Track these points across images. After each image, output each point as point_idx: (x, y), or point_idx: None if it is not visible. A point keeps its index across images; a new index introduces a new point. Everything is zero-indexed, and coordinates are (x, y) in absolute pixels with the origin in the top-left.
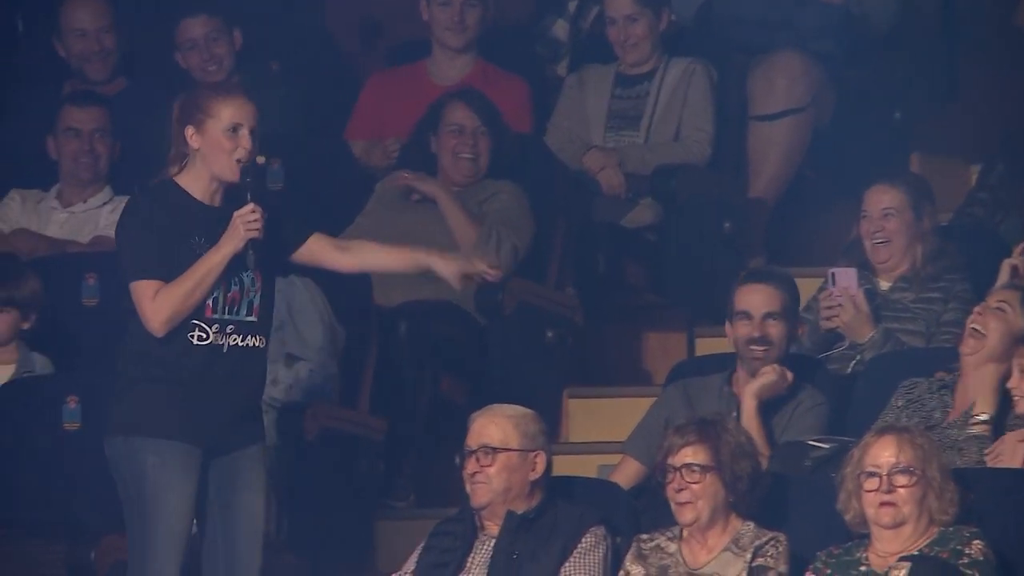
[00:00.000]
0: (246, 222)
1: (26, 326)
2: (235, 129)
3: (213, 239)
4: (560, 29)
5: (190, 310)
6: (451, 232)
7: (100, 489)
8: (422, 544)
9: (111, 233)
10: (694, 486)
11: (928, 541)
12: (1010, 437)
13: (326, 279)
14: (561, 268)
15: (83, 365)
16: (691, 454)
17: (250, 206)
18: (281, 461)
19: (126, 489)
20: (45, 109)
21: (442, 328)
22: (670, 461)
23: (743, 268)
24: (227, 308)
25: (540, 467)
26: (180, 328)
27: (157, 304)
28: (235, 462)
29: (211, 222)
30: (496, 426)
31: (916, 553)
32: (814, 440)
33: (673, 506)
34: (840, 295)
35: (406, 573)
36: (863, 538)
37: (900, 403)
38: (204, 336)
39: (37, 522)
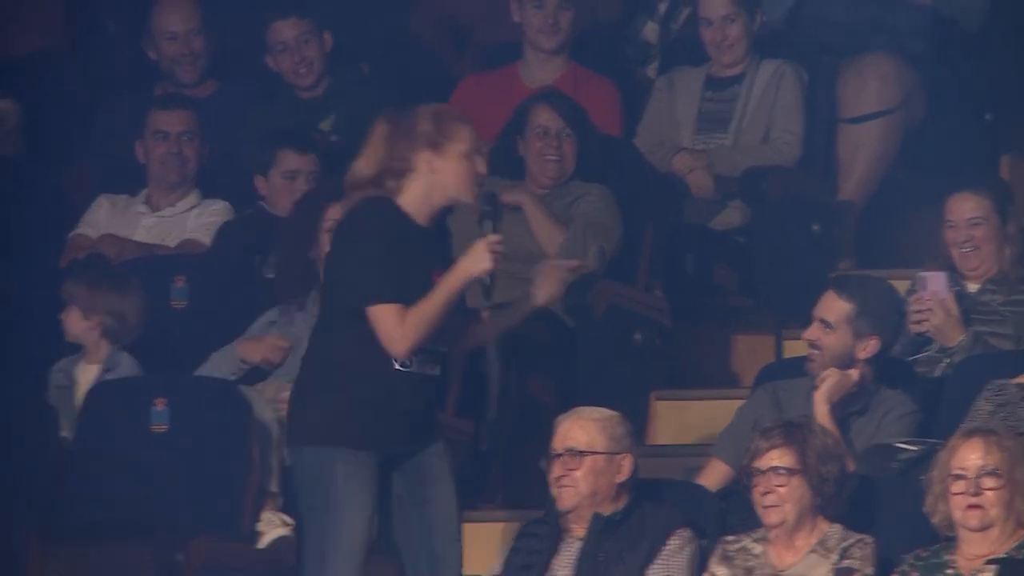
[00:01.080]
0: (493, 250)
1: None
2: (473, 153)
3: (430, 262)
4: (650, 31)
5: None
6: (538, 237)
7: (188, 491)
8: (510, 546)
9: (199, 236)
10: (781, 489)
11: (1016, 544)
12: None
13: None
14: (650, 270)
15: (171, 367)
16: (777, 457)
17: (496, 236)
18: None
19: (311, 497)
20: (135, 114)
21: (530, 330)
22: (756, 464)
23: (832, 270)
24: (431, 338)
25: (626, 470)
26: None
27: (408, 329)
28: (422, 460)
29: (426, 244)
30: (582, 429)
31: (1004, 556)
32: (902, 442)
33: (759, 509)
34: (930, 299)
35: (494, 575)
36: (950, 541)
37: (988, 408)
38: (407, 363)
39: (125, 525)
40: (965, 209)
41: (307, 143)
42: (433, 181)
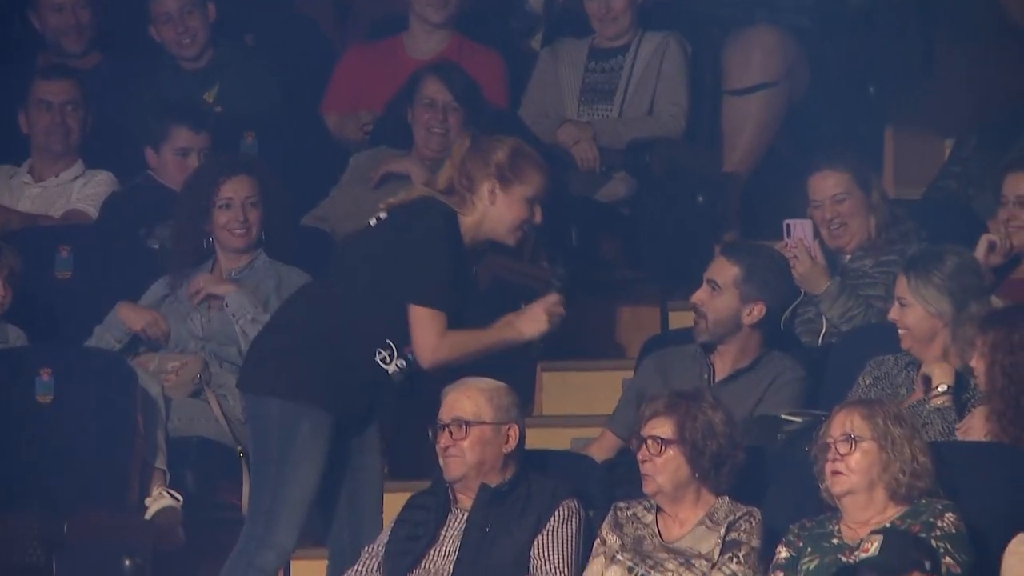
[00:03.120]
0: (553, 314)
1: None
2: (535, 202)
3: (468, 288)
4: (535, 2)
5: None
6: None
7: (73, 462)
8: (396, 517)
9: (83, 207)
10: (656, 458)
11: (900, 513)
12: (979, 411)
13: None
14: (535, 242)
15: (56, 337)
16: (656, 426)
17: (557, 297)
18: None
19: (267, 449)
20: (18, 84)
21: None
22: (639, 432)
23: (717, 242)
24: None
25: (513, 440)
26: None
27: (445, 345)
28: (364, 432)
29: (468, 265)
30: (469, 399)
31: (888, 526)
32: (787, 414)
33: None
34: (795, 246)
35: (379, 545)
36: (835, 511)
37: (868, 380)
38: (387, 359)
39: (10, 495)
40: (827, 187)
41: (201, 120)
42: (489, 212)
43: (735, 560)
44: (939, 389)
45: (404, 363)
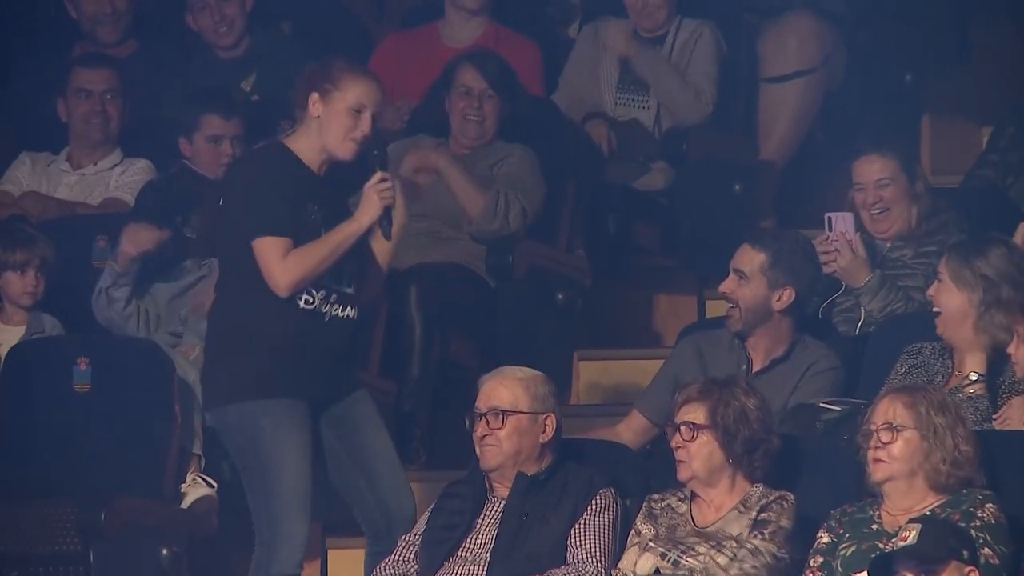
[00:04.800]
0: (380, 191)
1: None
2: (359, 110)
3: (323, 209)
4: None
5: (317, 277)
6: (458, 199)
7: (110, 450)
8: (432, 505)
9: (122, 195)
10: (690, 444)
11: (940, 502)
12: (1018, 401)
13: None
14: (572, 230)
15: (93, 327)
16: (689, 412)
17: (379, 175)
18: None
19: (243, 456)
20: (55, 72)
21: (452, 290)
22: (674, 418)
23: (754, 230)
24: (332, 277)
25: (550, 429)
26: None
27: (289, 264)
28: (346, 409)
29: (320, 191)
30: (506, 388)
31: (927, 514)
32: (825, 402)
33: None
34: (837, 239)
35: (416, 534)
36: (877, 496)
37: (903, 368)
38: (310, 300)
39: (48, 484)
40: (872, 171)
41: (231, 107)
42: (318, 128)
43: (759, 536)
44: (971, 377)
45: (314, 293)
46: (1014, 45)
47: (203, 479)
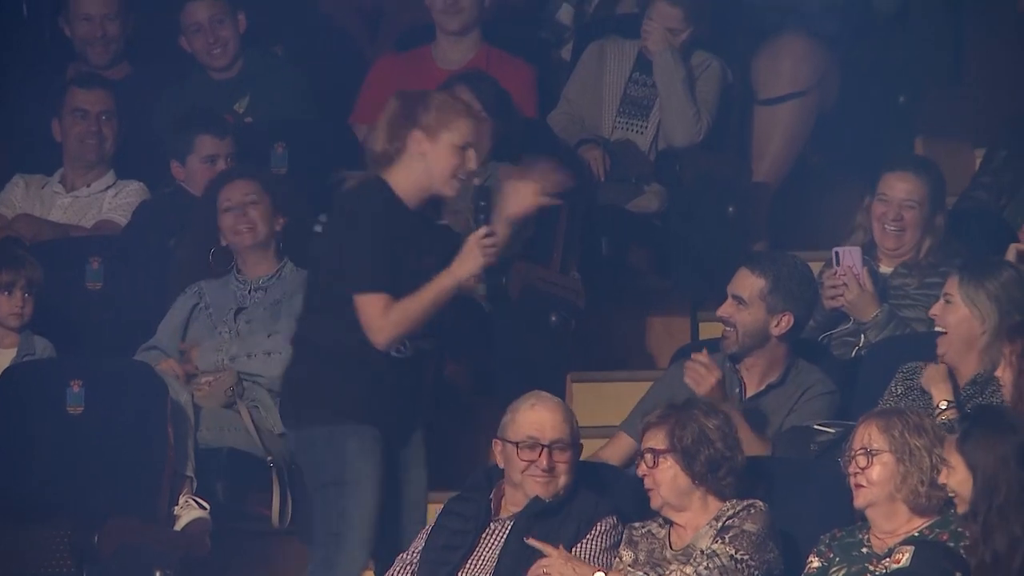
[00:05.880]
0: (484, 247)
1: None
2: (466, 148)
3: (424, 250)
4: (565, 14)
5: (417, 329)
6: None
7: (103, 472)
8: (432, 524)
9: (115, 217)
10: (654, 471)
11: (929, 523)
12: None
13: None
14: (565, 252)
15: (86, 349)
16: (651, 439)
17: (485, 229)
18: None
19: (322, 475)
20: (49, 93)
21: (446, 313)
22: (641, 447)
23: (747, 252)
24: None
25: (576, 457)
26: None
27: (391, 321)
28: (410, 443)
29: (418, 230)
30: (565, 421)
31: (916, 535)
32: (819, 424)
33: None
34: (844, 274)
35: (414, 552)
36: (865, 521)
37: (899, 390)
38: (403, 350)
39: (41, 506)
40: (902, 188)
41: (224, 127)
42: (424, 167)
43: (719, 541)
44: (940, 406)
45: (407, 343)
46: (1008, 65)
47: (196, 501)
